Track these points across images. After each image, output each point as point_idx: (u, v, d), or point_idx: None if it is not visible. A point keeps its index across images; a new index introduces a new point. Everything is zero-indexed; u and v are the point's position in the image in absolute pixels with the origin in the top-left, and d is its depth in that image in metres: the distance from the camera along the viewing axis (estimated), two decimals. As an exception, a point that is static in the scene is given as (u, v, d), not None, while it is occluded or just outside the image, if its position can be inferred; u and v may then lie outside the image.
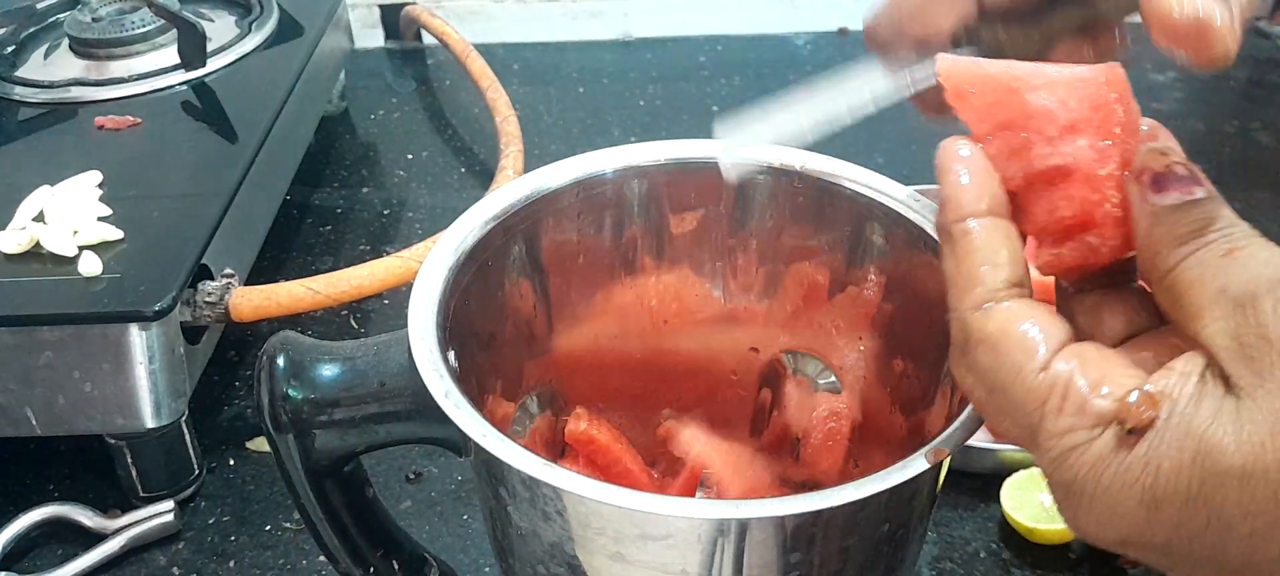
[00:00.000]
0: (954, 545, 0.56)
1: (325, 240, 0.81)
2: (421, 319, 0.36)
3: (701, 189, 0.45)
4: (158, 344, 0.55)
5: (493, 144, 0.82)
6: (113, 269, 0.57)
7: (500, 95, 0.85)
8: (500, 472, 0.34)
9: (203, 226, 0.60)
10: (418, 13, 1.02)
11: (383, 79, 1.04)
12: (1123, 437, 0.26)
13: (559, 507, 0.33)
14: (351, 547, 0.42)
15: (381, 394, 0.37)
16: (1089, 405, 0.26)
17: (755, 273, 0.47)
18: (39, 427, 0.56)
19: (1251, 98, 0.96)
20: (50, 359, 0.54)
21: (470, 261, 0.40)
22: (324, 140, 0.92)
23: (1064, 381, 0.27)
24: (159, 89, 0.75)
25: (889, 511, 0.34)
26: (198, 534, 0.58)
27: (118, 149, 0.69)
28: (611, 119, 0.95)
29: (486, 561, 0.56)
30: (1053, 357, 0.27)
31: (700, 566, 0.32)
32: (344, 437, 0.38)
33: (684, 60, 1.03)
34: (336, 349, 0.38)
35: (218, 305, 0.58)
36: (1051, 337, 0.28)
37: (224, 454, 0.63)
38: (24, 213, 0.60)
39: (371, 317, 0.73)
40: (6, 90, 0.75)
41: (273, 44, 0.81)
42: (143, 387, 0.55)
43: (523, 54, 1.06)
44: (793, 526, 0.32)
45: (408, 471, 0.61)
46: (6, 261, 0.58)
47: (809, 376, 0.47)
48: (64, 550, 0.57)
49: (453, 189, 0.87)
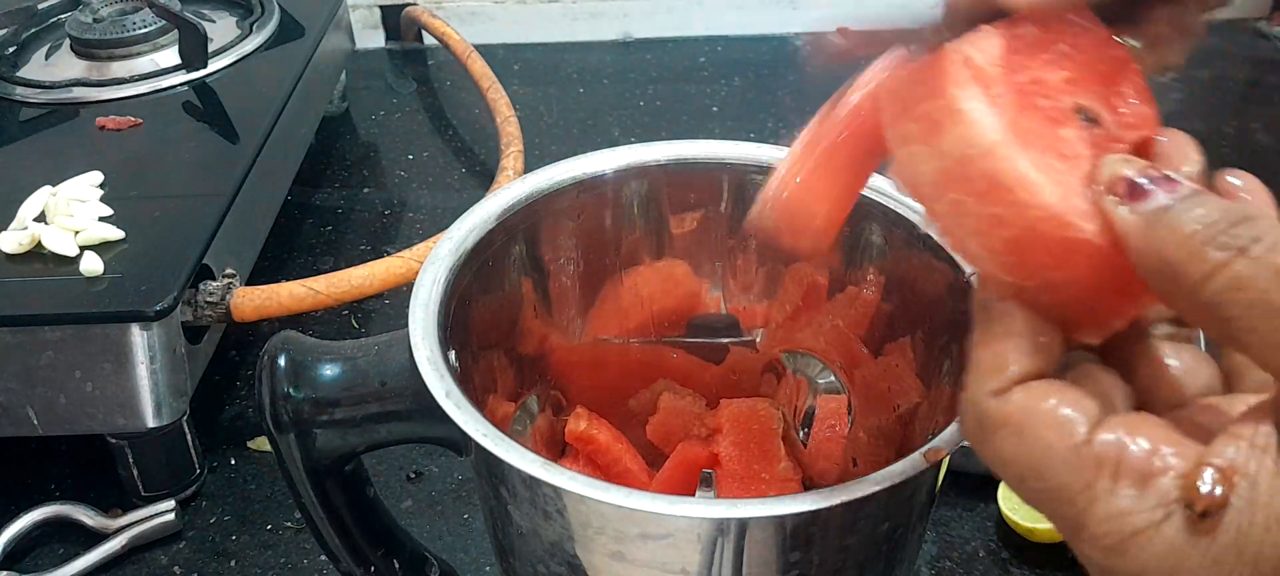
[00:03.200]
0: (953, 544, 0.56)
1: (326, 240, 0.81)
2: (422, 319, 0.37)
3: (701, 189, 0.45)
4: (159, 343, 0.55)
5: (493, 144, 0.82)
6: (114, 269, 0.57)
7: (501, 95, 0.86)
8: (501, 472, 0.34)
9: (204, 226, 0.60)
10: (418, 13, 1.02)
11: (384, 79, 1.04)
12: (1196, 521, 0.21)
13: (559, 507, 0.33)
14: (352, 547, 0.42)
15: (382, 393, 0.37)
16: (1151, 481, 0.22)
17: (755, 272, 0.47)
18: (40, 427, 0.56)
19: (1251, 98, 0.96)
20: (51, 358, 0.54)
21: (471, 261, 0.40)
22: (325, 140, 0.92)
23: (1115, 455, 0.23)
24: (160, 89, 0.75)
25: (888, 511, 0.34)
26: (199, 533, 0.58)
27: (119, 149, 0.69)
28: (611, 119, 0.95)
29: (487, 560, 0.56)
30: (1095, 431, 0.23)
31: (700, 565, 0.32)
32: (345, 437, 0.38)
33: (684, 60, 1.03)
34: (337, 349, 0.38)
35: (219, 305, 0.59)
36: (1087, 409, 0.24)
37: (225, 453, 0.63)
38: (25, 213, 0.61)
39: (372, 317, 0.73)
40: (8, 90, 0.75)
41: (274, 44, 0.81)
42: (144, 387, 0.55)
43: (523, 54, 1.06)
44: (792, 526, 0.32)
45: (408, 471, 0.61)
46: (8, 261, 0.58)
47: (809, 376, 0.47)
48: (65, 549, 0.57)
49: (453, 189, 0.87)
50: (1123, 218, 0.23)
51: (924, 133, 0.25)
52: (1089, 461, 0.23)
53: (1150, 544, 0.22)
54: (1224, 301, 0.21)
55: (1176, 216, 0.22)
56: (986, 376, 0.25)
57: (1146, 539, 0.22)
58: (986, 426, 0.25)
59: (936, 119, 0.25)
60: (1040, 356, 0.25)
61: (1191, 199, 0.23)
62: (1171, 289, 0.22)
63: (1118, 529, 0.22)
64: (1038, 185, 0.24)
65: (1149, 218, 0.23)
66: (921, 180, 0.26)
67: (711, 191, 0.45)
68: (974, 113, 0.25)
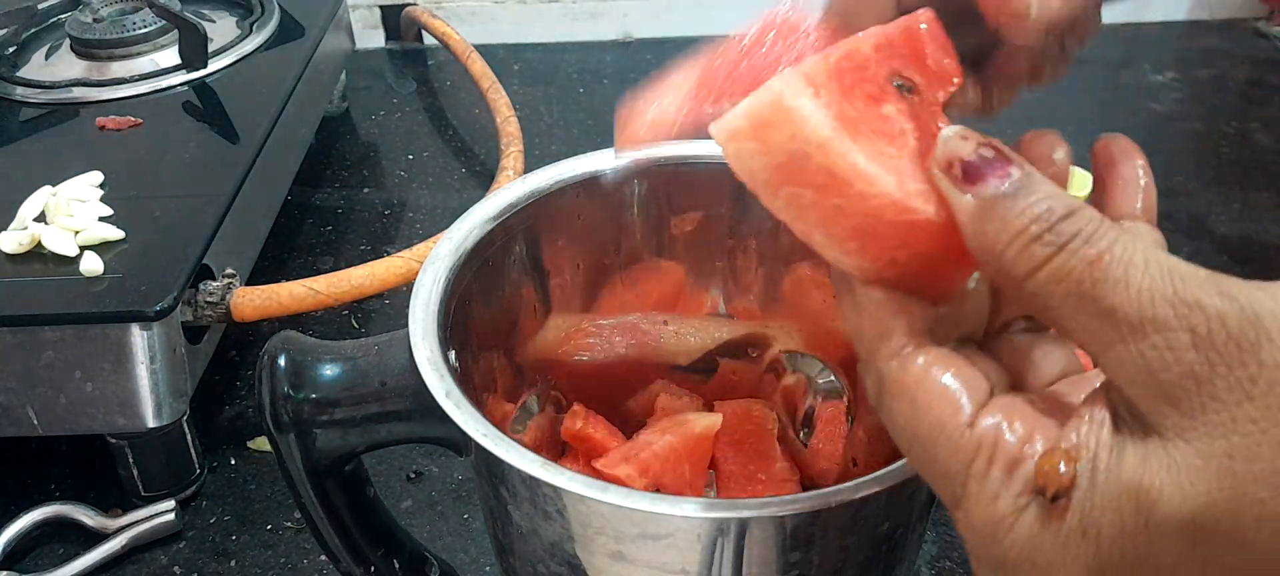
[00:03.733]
0: (953, 545, 0.56)
1: (326, 240, 0.81)
2: (422, 319, 0.37)
3: (701, 189, 0.45)
4: (159, 344, 0.55)
5: (493, 144, 0.82)
6: (114, 269, 0.57)
7: (501, 95, 0.86)
8: (500, 472, 0.34)
9: (204, 226, 0.60)
10: (418, 13, 1.02)
11: (384, 79, 1.04)
12: (1048, 507, 0.23)
13: (559, 507, 0.33)
14: (352, 547, 0.42)
15: (382, 393, 0.37)
16: (1017, 468, 0.23)
17: (755, 272, 0.47)
18: (40, 427, 0.56)
19: (1251, 98, 0.96)
20: (51, 359, 0.54)
21: (471, 261, 0.40)
22: (325, 140, 0.92)
23: (992, 440, 0.24)
24: (160, 89, 0.75)
25: (888, 511, 0.34)
26: (199, 533, 0.58)
27: (119, 149, 0.69)
28: (611, 119, 0.94)
29: (487, 560, 0.56)
30: (979, 413, 0.24)
31: (700, 565, 0.32)
32: (345, 437, 0.38)
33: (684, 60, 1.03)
34: (337, 348, 0.38)
35: (219, 305, 0.59)
36: (976, 389, 0.25)
37: (225, 453, 0.63)
38: (25, 213, 0.61)
39: (372, 317, 0.73)
40: (8, 90, 0.75)
41: (274, 44, 0.81)
42: (144, 387, 0.55)
43: (523, 54, 1.06)
44: (792, 526, 0.32)
45: (408, 471, 0.61)
46: (8, 261, 0.58)
47: (809, 376, 0.47)
48: (65, 549, 0.57)
49: (453, 189, 0.87)
50: (957, 200, 0.24)
51: (754, 131, 0.26)
52: (970, 444, 0.24)
53: (1014, 531, 0.23)
54: (1046, 293, 0.23)
55: (1006, 209, 0.23)
56: (876, 343, 0.26)
57: (1011, 526, 0.23)
58: (884, 390, 0.26)
59: (767, 117, 0.25)
60: (916, 315, 0.26)
61: (1022, 185, 0.23)
62: (1000, 276, 0.24)
63: (989, 515, 0.23)
64: (874, 175, 0.25)
65: (983, 204, 0.24)
66: (756, 176, 0.26)
67: (712, 191, 0.45)
68: (803, 109, 0.25)
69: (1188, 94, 0.96)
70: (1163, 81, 0.97)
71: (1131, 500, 0.22)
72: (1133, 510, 0.22)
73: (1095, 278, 0.22)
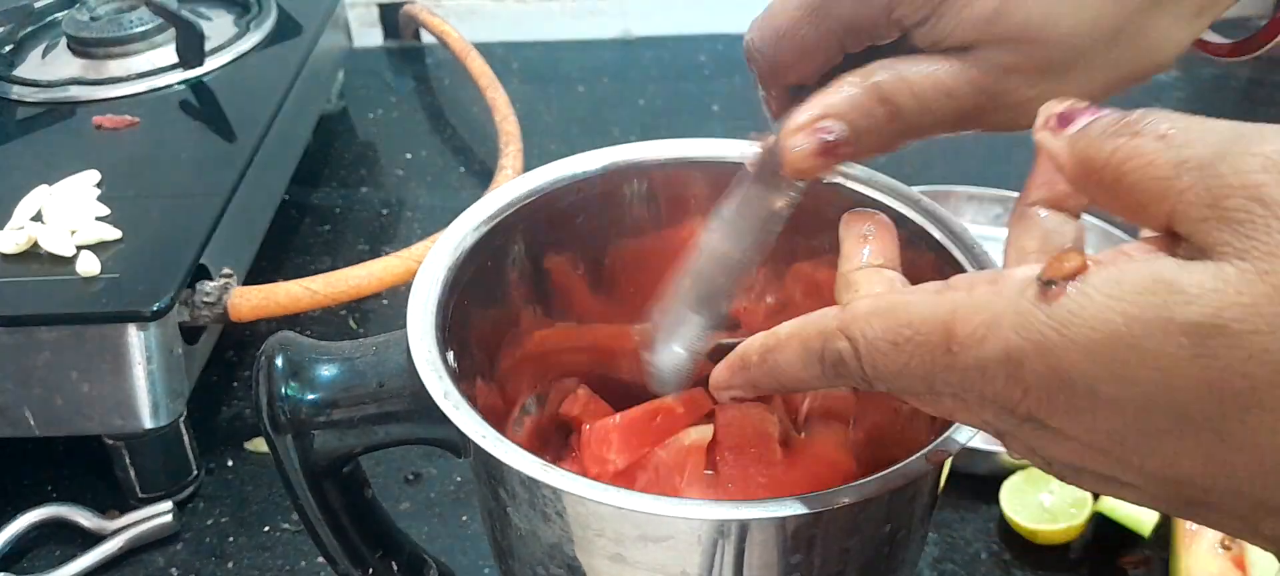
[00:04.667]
0: (955, 546, 0.56)
1: (324, 240, 0.81)
2: (420, 319, 0.36)
3: (701, 189, 0.44)
4: (156, 344, 0.54)
5: (492, 143, 0.82)
6: (111, 269, 0.57)
7: (499, 94, 0.85)
8: (499, 473, 0.34)
9: (201, 226, 0.60)
10: (417, 11, 1.02)
11: (382, 78, 1.03)
12: (1042, 290, 0.24)
13: (558, 508, 0.33)
14: (350, 548, 0.42)
15: (380, 394, 0.37)
16: (1013, 274, 0.25)
17: (755, 272, 0.46)
18: (37, 428, 0.55)
19: (1251, 98, 0.96)
20: (48, 359, 0.54)
21: (469, 261, 0.40)
22: (322, 139, 0.92)
23: (967, 281, 0.26)
24: (157, 88, 0.75)
25: (890, 513, 0.34)
26: (196, 534, 0.58)
27: (116, 148, 0.68)
28: (611, 119, 0.94)
29: (486, 562, 0.56)
30: (948, 285, 0.26)
31: (700, 568, 0.32)
32: (342, 438, 0.38)
33: (684, 60, 1.03)
34: (335, 349, 0.38)
35: (216, 305, 0.58)
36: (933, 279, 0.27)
37: (222, 454, 0.63)
38: (22, 212, 0.60)
39: (370, 318, 0.73)
40: (4, 89, 0.75)
41: (271, 43, 0.81)
42: (141, 388, 0.55)
43: (522, 53, 1.05)
44: (793, 528, 0.32)
45: (406, 472, 0.61)
46: (4, 261, 0.58)
47: (809, 377, 0.47)
48: (62, 551, 0.57)
49: (452, 188, 0.87)
50: (1055, 145, 0.26)
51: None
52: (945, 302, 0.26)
53: (1000, 329, 0.25)
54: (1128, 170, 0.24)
55: (1092, 127, 0.26)
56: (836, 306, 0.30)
57: (1000, 323, 0.25)
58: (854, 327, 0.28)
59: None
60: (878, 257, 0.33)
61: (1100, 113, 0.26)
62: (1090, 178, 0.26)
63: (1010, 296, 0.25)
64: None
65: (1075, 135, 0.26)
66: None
67: (711, 191, 0.44)
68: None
69: (1189, 94, 0.95)
70: (1165, 81, 0.97)
71: (1161, 291, 0.23)
72: (1155, 303, 0.23)
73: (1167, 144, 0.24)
